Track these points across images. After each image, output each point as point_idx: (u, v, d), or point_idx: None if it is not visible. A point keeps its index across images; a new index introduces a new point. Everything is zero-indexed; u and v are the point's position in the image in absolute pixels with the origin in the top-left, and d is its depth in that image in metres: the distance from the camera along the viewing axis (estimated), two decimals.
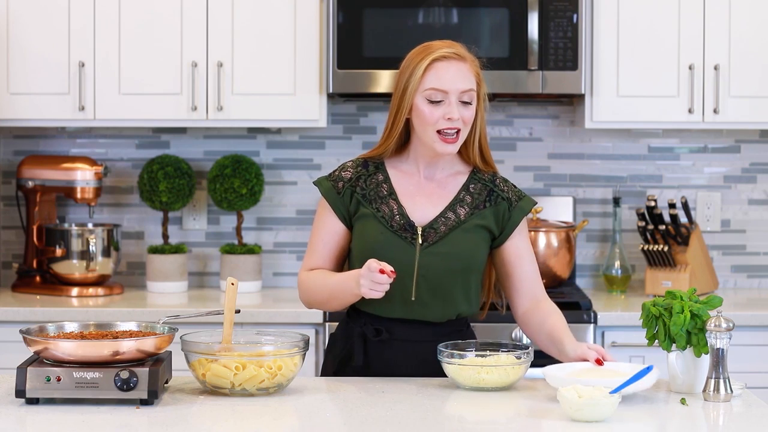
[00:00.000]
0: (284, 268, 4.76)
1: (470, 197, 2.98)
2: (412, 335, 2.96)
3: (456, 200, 2.97)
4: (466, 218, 2.96)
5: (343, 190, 2.99)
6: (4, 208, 4.76)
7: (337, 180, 3.01)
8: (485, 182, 3.00)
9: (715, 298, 2.79)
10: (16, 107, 4.38)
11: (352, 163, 3.04)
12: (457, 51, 2.93)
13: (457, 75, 2.91)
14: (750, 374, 3.89)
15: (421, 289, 2.92)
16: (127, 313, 4.16)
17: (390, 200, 2.97)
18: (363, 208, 2.97)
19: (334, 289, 2.92)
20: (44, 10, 4.37)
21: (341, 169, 3.03)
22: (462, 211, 2.96)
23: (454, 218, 2.95)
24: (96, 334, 2.72)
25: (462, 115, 2.90)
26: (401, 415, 2.55)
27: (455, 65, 2.92)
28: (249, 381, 2.68)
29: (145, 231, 4.78)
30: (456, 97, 2.90)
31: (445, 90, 2.89)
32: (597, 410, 2.47)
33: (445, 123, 2.89)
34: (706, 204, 4.73)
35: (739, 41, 4.35)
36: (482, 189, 2.99)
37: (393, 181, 2.99)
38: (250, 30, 4.38)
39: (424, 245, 2.92)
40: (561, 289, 4.46)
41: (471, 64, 2.94)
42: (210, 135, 4.75)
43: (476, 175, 3.01)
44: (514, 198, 3.00)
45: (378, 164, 3.02)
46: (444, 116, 2.89)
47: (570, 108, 4.72)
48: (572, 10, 4.28)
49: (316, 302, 3.02)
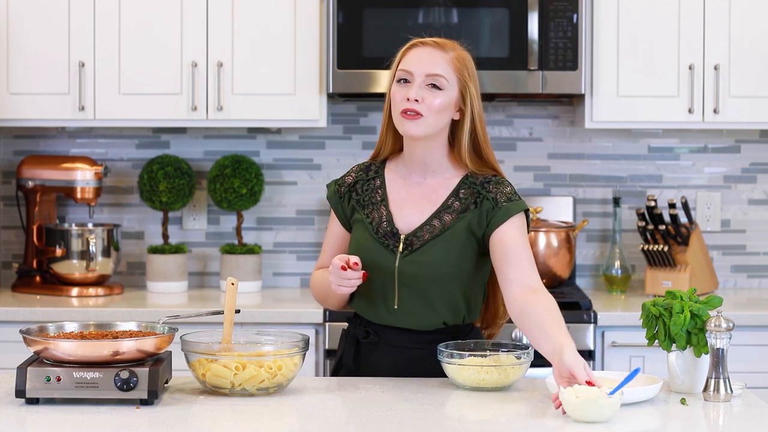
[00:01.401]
0: (284, 268, 4.76)
1: (458, 203, 2.92)
2: (401, 341, 2.96)
3: (443, 207, 2.92)
4: (451, 224, 2.90)
5: (344, 195, 3.02)
6: (4, 208, 4.76)
7: (341, 184, 3.04)
8: (476, 186, 2.93)
9: (715, 298, 2.79)
10: (16, 107, 4.38)
11: (357, 167, 3.05)
12: (438, 41, 2.90)
13: (427, 58, 2.87)
14: (750, 374, 3.90)
15: (404, 297, 2.91)
16: (127, 313, 4.16)
17: (381, 207, 2.97)
18: (357, 214, 2.99)
19: (324, 286, 2.97)
20: (44, 10, 4.37)
21: (347, 173, 3.05)
22: (448, 218, 2.91)
23: (439, 225, 2.91)
24: (96, 334, 2.72)
25: (425, 97, 2.84)
26: (401, 415, 2.55)
27: (429, 50, 2.88)
28: (249, 381, 2.68)
29: (145, 231, 4.78)
30: (421, 80, 2.85)
31: (410, 71, 2.87)
32: (596, 411, 2.47)
33: (405, 103, 2.85)
34: (706, 204, 4.73)
35: (739, 41, 4.35)
36: (471, 193, 2.92)
37: (387, 186, 2.99)
38: (250, 30, 4.38)
39: (404, 253, 2.90)
40: (561, 289, 4.46)
41: (452, 57, 2.88)
42: (210, 135, 4.75)
43: (468, 180, 2.94)
44: (503, 199, 2.90)
45: (378, 168, 3.02)
46: (405, 96, 2.86)
47: (570, 108, 4.72)
48: (572, 10, 4.28)
49: (319, 300, 3.09)
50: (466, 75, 2.89)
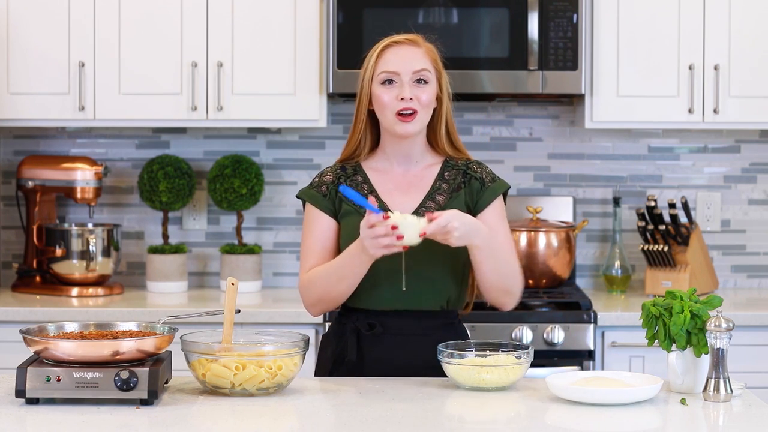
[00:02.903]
0: (284, 268, 4.76)
1: (446, 184, 3.02)
2: (405, 328, 2.97)
3: (433, 189, 3.02)
4: (446, 204, 2.99)
5: (328, 192, 3.03)
6: (4, 208, 4.76)
7: (320, 185, 3.05)
8: (459, 167, 3.04)
9: (715, 298, 2.79)
10: (17, 107, 4.38)
11: (330, 168, 3.09)
12: (411, 38, 3.00)
13: (408, 56, 2.96)
14: (750, 374, 3.89)
15: (411, 278, 2.94)
16: (127, 313, 4.16)
17: (371, 197, 2.98)
18: (346, 206, 3.01)
19: (340, 266, 2.90)
20: (44, 9, 4.37)
21: (321, 175, 3.08)
22: (441, 198, 3.01)
23: (434, 206, 2.99)
24: (96, 334, 2.72)
25: (416, 94, 2.94)
26: (401, 415, 2.55)
27: (405, 48, 2.98)
28: (249, 381, 2.68)
29: (145, 231, 4.78)
30: (408, 78, 2.94)
31: (396, 71, 2.95)
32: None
33: (399, 104, 2.93)
34: (706, 204, 4.73)
35: (739, 41, 4.35)
36: (457, 174, 3.03)
37: (371, 179, 3.04)
38: (250, 30, 4.38)
39: None
40: (561, 289, 4.46)
41: (426, 50, 3.00)
42: (210, 135, 4.75)
43: (449, 163, 3.05)
44: (488, 179, 3.03)
45: (355, 167, 3.06)
46: (397, 97, 2.93)
47: (570, 108, 4.72)
48: (572, 10, 4.28)
49: (323, 292, 2.95)
50: (440, 64, 3.02)
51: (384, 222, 2.74)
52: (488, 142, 4.71)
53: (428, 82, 2.96)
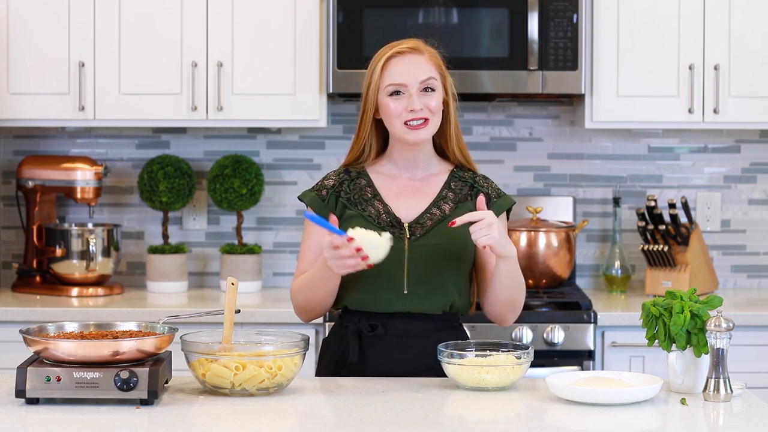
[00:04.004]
0: (284, 268, 4.76)
1: (453, 194, 3.03)
2: (407, 330, 2.97)
3: (439, 197, 3.02)
4: (451, 212, 2.99)
5: (328, 197, 3.03)
6: (4, 208, 4.76)
7: (321, 188, 3.05)
8: (466, 180, 3.05)
9: (715, 298, 2.79)
10: (17, 107, 4.39)
11: (334, 172, 3.09)
12: (413, 45, 2.99)
13: (413, 66, 2.96)
14: (750, 374, 3.89)
15: (413, 282, 2.94)
16: (127, 313, 4.16)
17: (375, 201, 3.00)
18: (349, 210, 3.00)
19: (312, 278, 2.93)
20: (44, 9, 4.37)
21: (324, 179, 3.08)
22: (446, 207, 3.01)
23: (439, 213, 2.99)
24: (96, 334, 2.72)
25: (425, 104, 2.94)
26: (401, 415, 2.55)
27: (410, 58, 2.97)
28: (249, 381, 2.68)
29: (145, 231, 4.78)
30: (416, 89, 2.95)
31: (404, 83, 2.95)
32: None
33: (409, 114, 2.94)
34: (706, 204, 4.73)
35: (739, 41, 4.35)
36: (463, 185, 3.04)
37: (376, 184, 3.04)
38: (250, 30, 4.38)
39: (412, 238, 2.95)
40: (561, 289, 4.46)
41: (429, 56, 3.00)
42: (210, 135, 4.75)
43: (456, 174, 3.05)
44: (494, 194, 3.04)
45: (360, 171, 3.06)
46: (407, 108, 2.94)
47: (570, 108, 4.72)
48: (572, 10, 4.28)
49: (304, 302, 2.99)
50: (443, 68, 3.02)
51: (348, 245, 2.74)
52: (488, 142, 4.72)
53: (435, 89, 2.97)
